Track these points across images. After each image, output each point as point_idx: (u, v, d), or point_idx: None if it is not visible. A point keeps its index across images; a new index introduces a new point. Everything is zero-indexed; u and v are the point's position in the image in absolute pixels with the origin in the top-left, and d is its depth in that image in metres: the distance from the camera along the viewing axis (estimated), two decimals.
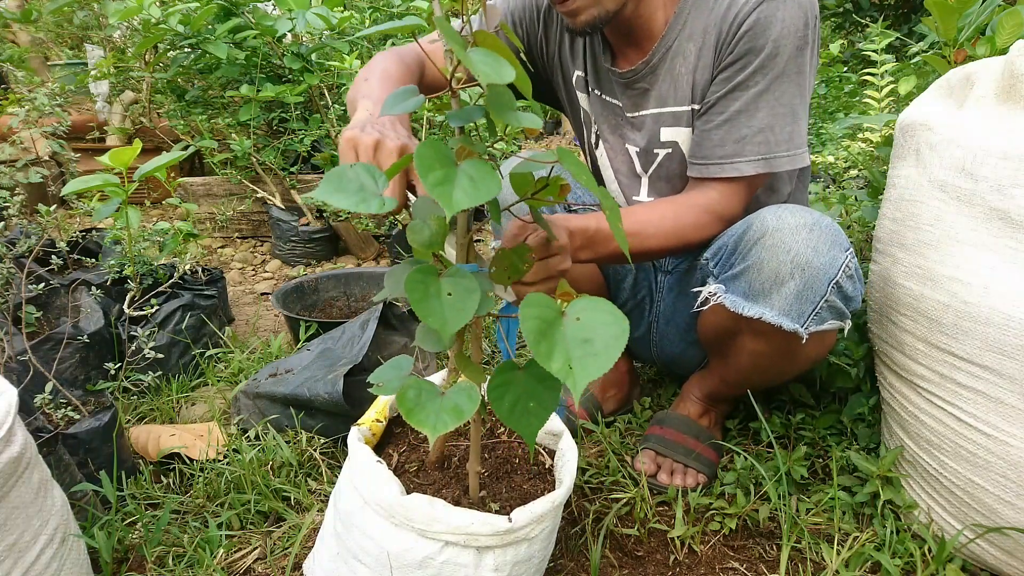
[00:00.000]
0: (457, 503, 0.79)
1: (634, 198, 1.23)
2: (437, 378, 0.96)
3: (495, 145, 2.93)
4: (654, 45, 1.08)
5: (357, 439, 0.86)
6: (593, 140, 1.25)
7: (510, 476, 0.90)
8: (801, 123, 1.03)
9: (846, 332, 1.02)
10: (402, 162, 0.71)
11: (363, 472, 0.79)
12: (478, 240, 2.86)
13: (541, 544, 0.81)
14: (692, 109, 1.09)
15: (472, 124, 0.74)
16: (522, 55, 1.22)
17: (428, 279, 0.62)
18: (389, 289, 0.70)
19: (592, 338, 0.60)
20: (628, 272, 1.32)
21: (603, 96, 1.19)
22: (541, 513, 0.76)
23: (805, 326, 0.96)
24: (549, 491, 0.85)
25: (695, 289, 1.09)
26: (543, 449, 0.97)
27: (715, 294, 1.01)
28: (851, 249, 0.95)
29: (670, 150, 1.14)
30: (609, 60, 1.15)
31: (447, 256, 0.78)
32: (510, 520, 0.74)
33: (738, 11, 1.00)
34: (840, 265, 0.93)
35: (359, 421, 0.93)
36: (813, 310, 0.95)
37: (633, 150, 1.19)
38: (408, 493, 0.77)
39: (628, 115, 1.16)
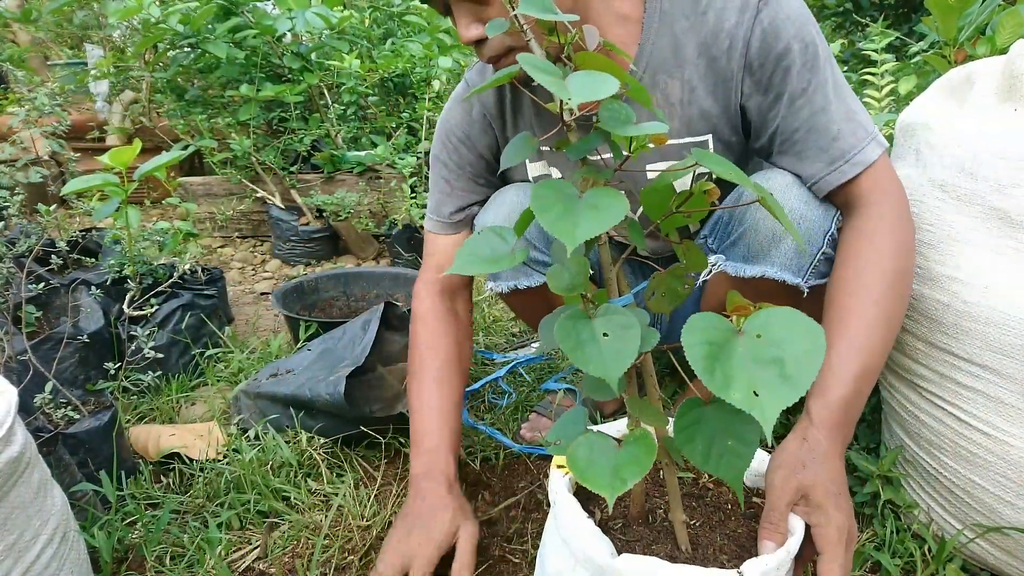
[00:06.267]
0: (672, 560, 0.69)
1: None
2: (615, 428, 0.86)
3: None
4: None
5: (566, 489, 0.73)
6: None
7: (723, 524, 0.78)
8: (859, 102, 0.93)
9: None
10: (524, 218, 0.64)
11: (571, 529, 0.70)
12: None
13: None
14: (688, 142, 0.99)
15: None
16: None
17: (578, 323, 0.57)
18: (545, 342, 0.64)
19: (781, 357, 0.49)
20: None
21: (554, 149, 1.02)
22: (776, 564, 0.65)
23: (806, 279, 0.96)
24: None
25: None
26: (754, 492, 0.84)
27: (716, 264, 1.00)
28: None
29: None
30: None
31: None
32: (740, 574, 0.64)
33: (733, 28, 0.89)
34: (832, 217, 0.93)
35: (559, 462, 0.79)
36: (811, 263, 0.95)
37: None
38: (618, 553, 0.67)
39: (592, 156, 1.08)
